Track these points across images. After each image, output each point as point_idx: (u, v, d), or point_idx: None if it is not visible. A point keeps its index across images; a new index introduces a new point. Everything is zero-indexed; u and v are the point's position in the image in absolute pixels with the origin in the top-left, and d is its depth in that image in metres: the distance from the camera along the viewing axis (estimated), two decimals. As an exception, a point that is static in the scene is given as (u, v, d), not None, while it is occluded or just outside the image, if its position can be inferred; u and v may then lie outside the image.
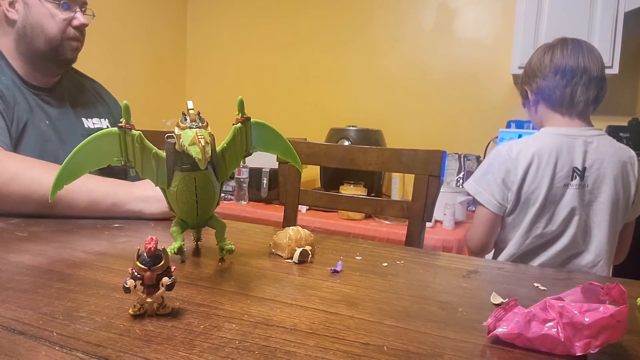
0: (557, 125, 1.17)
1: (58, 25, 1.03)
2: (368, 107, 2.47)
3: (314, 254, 0.64)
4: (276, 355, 0.35)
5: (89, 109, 1.16)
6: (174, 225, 0.59)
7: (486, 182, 1.16)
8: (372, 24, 2.45)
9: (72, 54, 1.07)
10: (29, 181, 0.76)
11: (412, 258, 0.68)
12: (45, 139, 1.00)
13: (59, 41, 1.03)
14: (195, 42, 2.99)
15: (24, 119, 0.98)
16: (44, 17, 1.02)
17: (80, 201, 0.80)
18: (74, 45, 1.06)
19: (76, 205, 0.79)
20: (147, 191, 0.82)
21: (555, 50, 1.17)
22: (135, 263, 0.41)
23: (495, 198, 1.14)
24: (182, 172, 0.54)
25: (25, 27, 1.03)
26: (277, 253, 0.64)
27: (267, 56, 2.76)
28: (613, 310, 0.36)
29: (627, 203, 1.14)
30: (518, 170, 1.12)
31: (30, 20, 1.03)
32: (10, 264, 0.54)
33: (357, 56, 2.47)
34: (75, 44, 1.06)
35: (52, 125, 1.03)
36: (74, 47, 1.06)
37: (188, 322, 0.40)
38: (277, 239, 0.64)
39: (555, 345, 0.37)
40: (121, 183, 0.85)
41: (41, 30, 1.02)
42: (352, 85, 2.52)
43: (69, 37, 1.05)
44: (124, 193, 0.82)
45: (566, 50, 1.15)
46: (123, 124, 0.54)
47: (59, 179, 0.56)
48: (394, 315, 0.45)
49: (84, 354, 0.34)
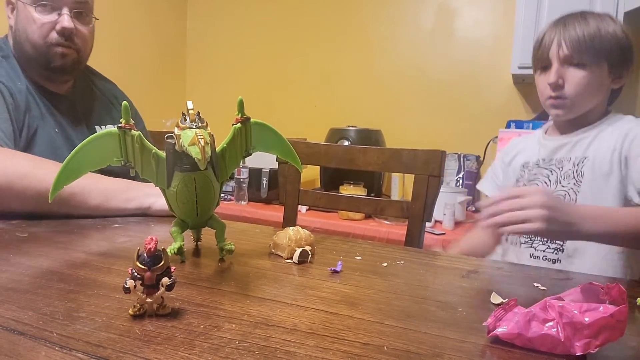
0: None
1: (40, 30, 0.96)
2: (368, 107, 2.47)
3: (314, 254, 0.64)
4: (276, 355, 0.35)
5: (102, 115, 1.13)
6: (173, 226, 0.59)
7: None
8: (372, 24, 2.45)
9: (61, 61, 0.99)
10: (41, 179, 0.75)
11: (412, 258, 0.68)
12: (55, 147, 0.98)
13: (43, 47, 0.97)
14: (195, 42, 2.99)
15: (35, 125, 0.96)
16: (27, 22, 0.97)
17: (94, 197, 0.82)
18: (60, 51, 0.98)
19: (90, 201, 0.81)
20: (156, 188, 0.85)
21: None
22: (135, 263, 0.41)
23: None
24: (181, 172, 0.54)
25: (16, 32, 0.99)
26: (277, 253, 0.64)
27: (267, 56, 2.76)
28: (613, 310, 0.36)
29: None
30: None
31: (18, 26, 0.99)
32: (11, 264, 0.54)
33: (357, 56, 2.47)
34: (61, 49, 0.98)
35: (62, 132, 1.01)
36: (60, 53, 0.98)
37: (188, 322, 0.40)
38: (277, 239, 0.64)
39: (555, 345, 0.37)
40: (130, 180, 0.87)
41: (26, 36, 0.97)
42: (352, 85, 2.52)
43: (52, 43, 0.97)
44: (136, 188, 0.87)
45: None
46: (123, 124, 0.54)
47: (58, 179, 0.56)
48: (394, 315, 0.45)
49: (84, 354, 0.34)
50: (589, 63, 0.88)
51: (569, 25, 0.90)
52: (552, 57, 0.91)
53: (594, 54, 0.88)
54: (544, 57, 0.93)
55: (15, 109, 0.93)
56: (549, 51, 0.92)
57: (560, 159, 0.96)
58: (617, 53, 0.90)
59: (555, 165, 0.96)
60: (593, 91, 0.91)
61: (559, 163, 0.95)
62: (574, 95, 0.90)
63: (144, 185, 0.87)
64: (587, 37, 0.88)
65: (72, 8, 0.98)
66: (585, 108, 0.93)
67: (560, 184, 0.93)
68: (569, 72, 0.89)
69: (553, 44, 0.91)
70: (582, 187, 0.90)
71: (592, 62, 0.88)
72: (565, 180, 0.92)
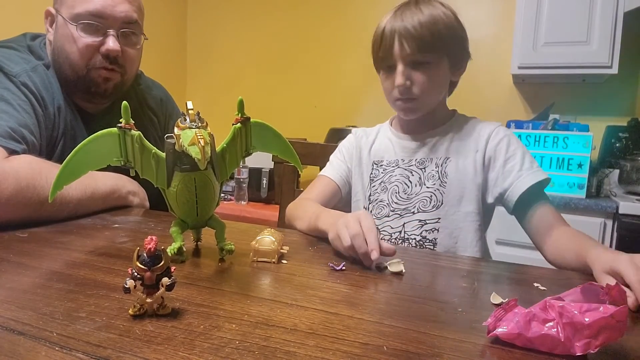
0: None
1: (81, 52, 0.87)
2: (368, 107, 2.47)
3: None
4: (276, 355, 0.35)
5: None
6: (173, 226, 0.59)
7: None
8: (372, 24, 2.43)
9: (104, 85, 0.90)
10: (43, 185, 0.72)
11: (412, 258, 0.68)
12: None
13: (84, 70, 0.88)
14: (195, 42, 2.99)
15: (60, 144, 0.90)
16: (67, 41, 0.87)
17: (73, 190, 0.77)
18: (103, 74, 0.89)
19: (70, 198, 0.77)
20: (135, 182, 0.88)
21: None
22: (135, 263, 0.41)
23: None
24: (181, 172, 0.54)
25: (54, 49, 0.91)
26: (263, 260, 0.61)
27: (267, 56, 2.76)
28: (613, 310, 0.36)
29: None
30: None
31: (57, 43, 0.90)
32: (11, 264, 0.54)
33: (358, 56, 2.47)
34: (105, 73, 0.89)
35: None
36: (103, 77, 0.89)
37: (188, 322, 0.40)
38: (259, 246, 0.61)
39: (555, 345, 0.37)
40: (114, 174, 0.87)
41: (66, 56, 0.88)
42: (352, 85, 2.52)
43: (94, 66, 0.88)
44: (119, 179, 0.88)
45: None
46: (122, 124, 0.54)
47: (58, 179, 0.56)
48: (394, 315, 0.45)
49: (84, 354, 0.34)
50: (432, 60, 0.87)
51: (405, 18, 0.87)
52: (396, 58, 0.88)
53: (436, 50, 0.86)
54: (387, 57, 0.89)
55: (46, 119, 0.87)
56: (392, 51, 0.88)
57: (422, 159, 0.94)
58: (456, 45, 0.90)
59: (415, 166, 0.94)
60: (439, 87, 0.91)
61: (420, 164, 0.93)
62: (421, 94, 0.88)
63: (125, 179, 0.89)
64: (425, 28, 0.85)
65: (120, 29, 0.89)
66: (433, 104, 0.93)
67: (424, 185, 0.91)
68: (415, 72, 0.87)
69: (395, 43, 0.87)
70: (448, 187, 0.90)
71: (434, 58, 0.87)
72: (430, 181, 0.91)
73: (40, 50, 0.93)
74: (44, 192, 0.71)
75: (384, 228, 0.93)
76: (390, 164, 0.97)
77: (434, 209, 0.89)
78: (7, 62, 0.85)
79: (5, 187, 0.69)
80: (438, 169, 0.92)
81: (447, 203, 0.89)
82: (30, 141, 0.81)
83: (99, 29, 0.87)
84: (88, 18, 0.86)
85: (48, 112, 0.88)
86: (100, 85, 0.91)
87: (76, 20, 0.86)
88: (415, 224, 0.90)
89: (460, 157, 0.91)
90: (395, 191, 0.94)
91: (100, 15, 0.86)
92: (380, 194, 0.95)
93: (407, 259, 0.66)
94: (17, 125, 0.79)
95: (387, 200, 0.94)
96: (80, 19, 0.86)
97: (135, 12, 0.92)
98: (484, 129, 0.93)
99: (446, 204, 0.89)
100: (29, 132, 0.81)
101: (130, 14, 0.90)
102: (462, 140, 0.93)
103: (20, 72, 0.85)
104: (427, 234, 0.89)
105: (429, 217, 0.89)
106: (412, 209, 0.91)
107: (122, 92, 0.98)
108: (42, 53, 0.92)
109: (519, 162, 0.88)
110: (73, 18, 0.86)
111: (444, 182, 0.90)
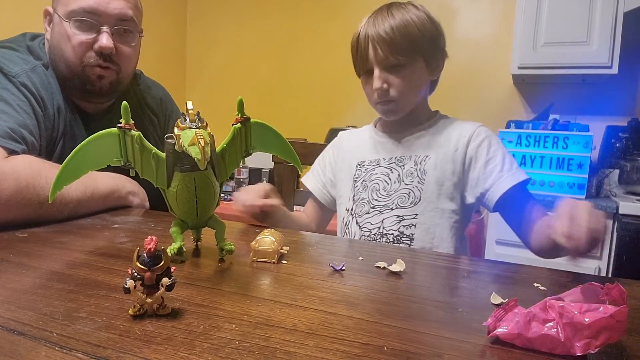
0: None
1: (75, 49, 0.86)
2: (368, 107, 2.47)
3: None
4: (276, 355, 0.35)
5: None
6: (173, 226, 0.59)
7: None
8: (371, 24, 2.45)
9: (98, 83, 0.90)
10: (44, 186, 0.71)
11: (412, 258, 0.68)
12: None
13: (79, 68, 0.88)
14: (195, 42, 2.99)
15: (60, 144, 0.90)
16: (62, 38, 0.87)
17: (73, 189, 0.77)
18: (97, 72, 0.89)
19: (70, 197, 0.77)
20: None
21: None
22: (135, 263, 0.41)
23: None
24: (181, 172, 0.54)
25: (51, 48, 0.90)
26: (263, 260, 0.61)
27: (267, 56, 2.76)
28: (613, 310, 0.36)
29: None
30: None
31: (52, 42, 0.90)
32: (11, 264, 0.54)
33: (357, 56, 2.47)
34: (98, 70, 0.89)
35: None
36: (97, 74, 0.89)
37: (188, 322, 0.40)
38: (259, 247, 0.61)
39: (555, 346, 0.37)
40: (112, 174, 0.87)
41: (61, 54, 0.88)
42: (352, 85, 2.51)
43: (88, 64, 0.88)
44: (118, 179, 0.87)
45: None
46: (122, 124, 0.54)
47: (59, 179, 0.56)
48: (394, 316, 0.45)
49: (84, 354, 0.34)
50: (406, 62, 0.88)
51: (378, 24, 0.89)
52: (372, 62, 0.90)
53: (409, 53, 0.88)
54: (364, 62, 0.92)
55: (45, 119, 0.87)
56: (367, 56, 0.90)
57: (401, 157, 0.95)
58: (430, 45, 0.91)
59: (395, 163, 0.95)
60: (416, 88, 0.93)
61: (400, 161, 0.95)
62: (399, 96, 0.90)
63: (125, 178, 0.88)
64: (397, 32, 0.87)
65: (114, 25, 0.89)
66: (412, 105, 0.95)
67: (403, 182, 0.92)
68: (391, 75, 0.89)
69: (369, 48, 0.90)
70: (426, 184, 0.91)
71: (408, 61, 0.88)
72: (408, 178, 0.92)
73: (39, 50, 0.93)
74: (44, 193, 0.71)
75: (365, 225, 0.94)
76: (372, 163, 0.99)
77: (412, 205, 0.91)
78: (7, 63, 0.85)
79: (5, 187, 0.69)
80: (417, 167, 0.93)
81: (424, 199, 0.90)
82: (30, 141, 0.81)
83: (93, 26, 0.87)
84: (82, 15, 0.86)
85: (47, 113, 0.88)
86: (95, 82, 0.90)
87: (70, 17, 0.86)
88: (394, 220, 0.91)
89: (440, 155, 0.92)
90: (375, 189, 0.95)
91: (94, 12, 0.86)
92: (362, 193, 0.97)
93: (407, 259, 0.66)
94: (16, 126, 0.79)
95: (367, 197, 0.96)
96: (74, 15, 0.86)
97: (131, 9, 0.91)
98: (465, 129, 0.94)
99: (424, 201, 0.90)
100: (29, 133, 0.81)
101: (125, 10, 0.90)
102: (442, 139, 0.95)
103: (19, 73, 0.85)
104: (405, 229, 0.90)
105: (406, 213, 0.91)
106: (390, 205, 0.92)
107: (120, 91, 0.97)
108: (41, 53, 0.93)
109: (500, 164, 0.89)
110: (67, 15, 0.86)
111: (422, 179, 0.91)
